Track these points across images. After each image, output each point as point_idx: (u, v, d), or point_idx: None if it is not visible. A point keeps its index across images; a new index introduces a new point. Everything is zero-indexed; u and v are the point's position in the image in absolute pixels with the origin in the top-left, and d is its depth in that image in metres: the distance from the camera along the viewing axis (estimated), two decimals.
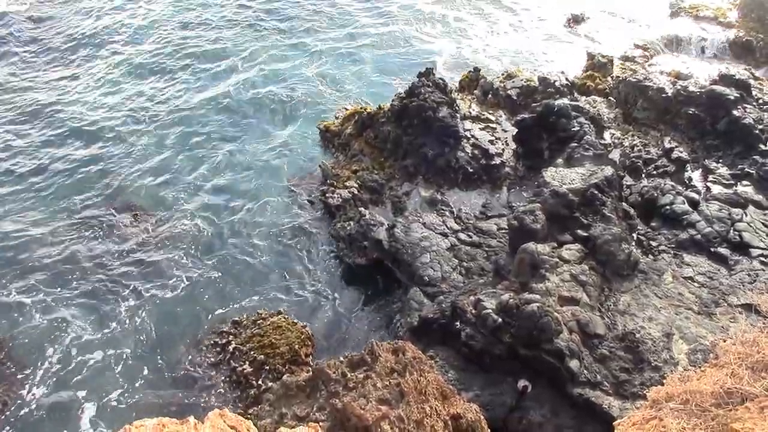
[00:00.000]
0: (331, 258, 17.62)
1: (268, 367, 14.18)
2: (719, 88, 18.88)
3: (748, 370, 5.95)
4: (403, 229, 16.40)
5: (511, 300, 12.57)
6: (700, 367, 6.90)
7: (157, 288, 16.75)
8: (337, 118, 21.43)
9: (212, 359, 14.77)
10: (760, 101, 19.14)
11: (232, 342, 15.01)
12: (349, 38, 26.64)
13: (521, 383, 12.10)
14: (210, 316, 16.06)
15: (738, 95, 18.70)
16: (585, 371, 11.92)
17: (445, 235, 16.46)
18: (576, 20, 26.02)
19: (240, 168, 20.42)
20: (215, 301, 16.48)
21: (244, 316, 15.91)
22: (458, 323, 13.21)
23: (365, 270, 16.89)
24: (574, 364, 11.81)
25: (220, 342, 15.10)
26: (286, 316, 15.80)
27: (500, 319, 12.46)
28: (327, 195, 18.54)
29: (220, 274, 17.25)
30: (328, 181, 18.99)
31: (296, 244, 18.05)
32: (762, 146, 17.67)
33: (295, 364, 14.29)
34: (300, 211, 18.94)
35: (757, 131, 17.87)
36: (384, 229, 16.64)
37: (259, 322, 15.62)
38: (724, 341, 6.73)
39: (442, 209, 17.49)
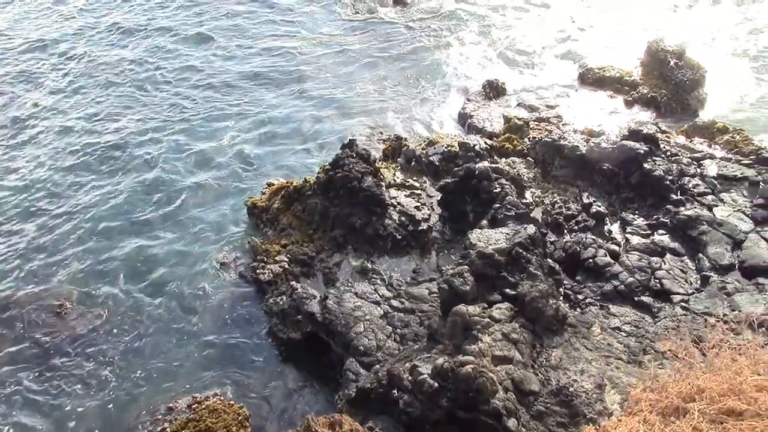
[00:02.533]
0: (265, 335, 17.40)
1: None
2: (629, 143, 19.76)
3: (659, 416, 6.18)
4: (335, 300, 16.41)
5: (446, 363, 12.63)
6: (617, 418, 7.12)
7: (82, 381, 16.26)
8: (263, 193, 21.48)
9: None
10: (668, 153, 20.08)
11: (167, 429, 14.59)
12: (270, 111, 26.88)
13: None
14: (141, 404, 15.60)
15: (647, 149, 19.59)
16: (523, 429, 12.01)
17: (377, 303, 16.54)
18: (491, 86, 26.93)
19: (167, 252, 20.09)
20: (147, 389, 16.03)
21: (178, 401, 15.52)
22: (395, 391, 13.18)
23: (301, 344, 16.74)
24: (511, 423, 11.88)
25: (154, 430, 14.65)
26: (222, 398, 15.48)
27: (436, 384, 12.49)
28: (258, 271, 18.44)
29: (151, 360, 16.83)
30: (258, 257, 18.92)
31: (229, 323, 17.79)
32: (673, 196, 18.47)
33: None
34: (231, 289, 18.73)
35: (667, 182, 18.70)
36: (316, 301, 16.61)
37: (194, 406, 15.25)
38: (635, 389, 6.98)
39: (374, 277, 17.59)
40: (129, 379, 16.35)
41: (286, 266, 18.28)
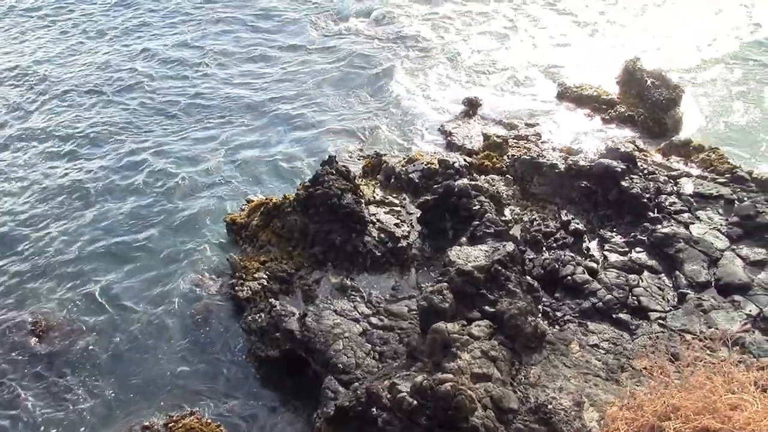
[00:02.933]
0: (243, 352, 17.30)
1: None
2: (606, 161, 19.94)
3: None
4: (314, 317, 16.34)
5: (425, 381, 12.60)
6: None
7: (57, 400, 16.06)
8: (242, 210, 21.42)
9: None
10: (645, 171, 20.29)
11: None
12: (251, 124, 26.88)
13: None
14: (118, 422, 15.42)
15: (625, 167, 19.78)
16: None
17: (356, 321, 16.48)
18: (471, 104, 27.11)
19: (144, 270, 19.97)
20: (123, 407, 15.87)
21: (155, 420, 15.36)
22: (374, 409, 13.09)
23: (279, 362, 16.65)
24: None
25: None
26: (199, 417, 15.33)
27: (415, 402, 12.43)
28: (236, 288, 18.33)
29: (127, 378, 16.66)
30: (237, 274, 18.81)
31: (206, 340, 17.67)
32: (651, 214, 18.64)
33: None
34: (209, 306, 18.59)
35: (644, 200, 18.88)
36: (295, 318, 16.53)
37: (170, 425, 15.09)
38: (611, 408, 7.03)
39: (353, 295, 17.55)
40: (105, 398, 16.18)
41: (265, 283, 18.19)
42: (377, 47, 32.52)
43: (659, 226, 18.11)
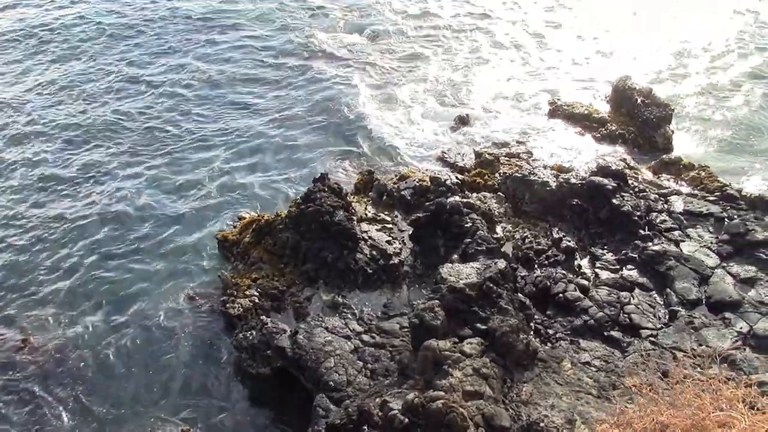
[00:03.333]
0: (234, 370, 17.23)
1: None
2: (598, 179, 20.06)
3: None
4: (306, 335, 16.30)
5: (417, 399, 12.56)
6: None
7: (48, 416, 15.94)
8: (234, 227, 21.40)
9: None
10: (636, 189, 20.40)
11: None
12: (244, 143, 26.90)
13: None
14: None
15: (616, 185, 19.89)
16: None
17: (348, 338, 16.45)
18: (463, 121, 27.26)
19: (135, 286, 19.87)
20: (113, 424, 15.78)
21: None
22: (366, 427, 13.05)
23: (270, 379, 16.58)
24: None
25: None
26: None
27: (407, 420, 12.40)
28: (227, 305, 18.27)
29: (118, 395, 16.58)
30: (228, 291, 18.75)
31: (197, 357, 17.60)
32: (642, 231, 18.73)
33: None
34: (201, 324, 18.54)
35: (635, 218, 18.98)
36: (287, 336, 16.49)
37: None
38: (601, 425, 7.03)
39: (344, 312, 17.52)
40: (94, 415, 16.09)
41: (257, 300, 18.14)
42: (370, 64, 32.64)
43: (650, 244, 18.20)
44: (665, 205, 19.71)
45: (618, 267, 17.99)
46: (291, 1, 39.41)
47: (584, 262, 18.51)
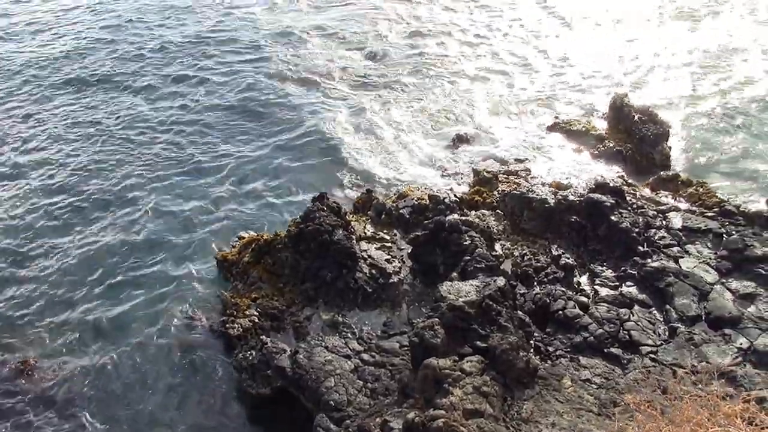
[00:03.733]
0: (234, 390, 17.19)
1: None
2: (596, 195, 20.10)
3: None
4: (305, 354, 16.28)
5: (417, 418, 12.54)
6: None
7: None
8: (233, 247, 21.43)
9: None
10: (634, 205, 20.45)
11: None
12: (241, 167, 26.99)
13: None
14: None
15: (614, 201, 19.94)
16: None
17: (348, 357, 16.42)
18: (461, 140, 27.41)
19: (135, 306, 19.89)
20: None
21: None
22: None
23: (270, 399, 16.54)
24: None
25: None
26: None
27: None
28: (227, 325, 18.26)
29: (118, 415, 16.54)
30: (228, 311, 18.75)
31: (197, 378, 17.56)
32: (640, 248, 18.75)
33: None
34: (200, 344, 18.53)
35: (634, 234, 19.00)
36: (287, 356, 16.47)
37: None
38: None
39: (344, 331, 17.49)
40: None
41: (256, 320, 18.12)
42: (368, 84, 32.84)
43: (649, 260, 18.23)
44: (664, 222, 19.76)
45: (617, 284, 18.00)
46: (284, 26, 39.77)
47: (583, 279, 18.51)
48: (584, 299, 17.33)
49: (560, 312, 16.92)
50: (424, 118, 29.71)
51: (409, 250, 19.74)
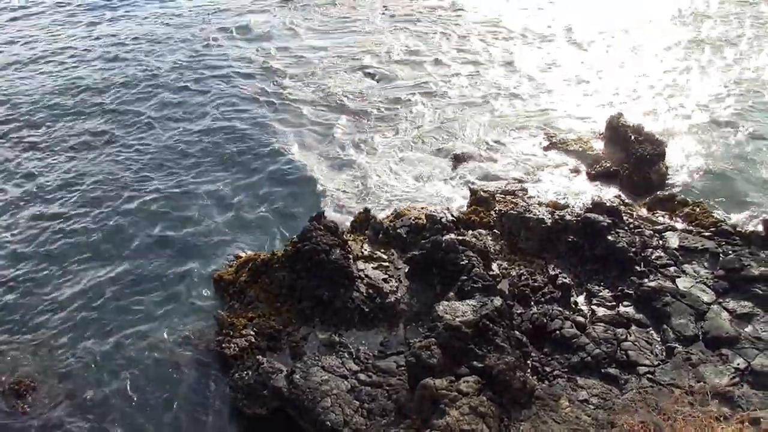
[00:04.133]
0: (230, 410, 17.06)
1: None
2: (593, 215, 20.15)
3: None
4: (302, 374, 16.22)
5: None
6: None
7: None
8: (230, 266, 21.42)
9: None
10: (631, 225, 20.51)
11: None
12: (236, 185, 27.04)
13: None
14: None
15: (610, 221, 19.98)
16: None
17: (345, 377, 16.36)
18: (459, 159, 27.52)
19: (130, 325, 19.81)
20: None
21: None
22: None
23: (267, 420, 16.44)
24: None
25: None
26: None
27: None
28: (223, 345, 18.19)
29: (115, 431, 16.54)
30: (224, 331, 18.68)
31: (193, 398, 17.43)
32: (637, 268, 18.78)
33: None
34: (196, 364, 18.42)
35: (631, 254, 19.04)
36: (283, 376, 16.40)
37: None
38: None
39: (341, 351, 17.44)
40: None
41: (253, 340, 18.06)
42: (365, 104, 32.99)
43: (646, 280, 18.26)
44: (660, 241, 19.81)
45: (614, 303, 18.02)
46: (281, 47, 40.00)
47: (580, 299, 18.51)
48: (581, 319, 17.33)
49: (557, 332, 16.91)
50: (422, 138, 29.79)
51: (407, 270, 19.74)
